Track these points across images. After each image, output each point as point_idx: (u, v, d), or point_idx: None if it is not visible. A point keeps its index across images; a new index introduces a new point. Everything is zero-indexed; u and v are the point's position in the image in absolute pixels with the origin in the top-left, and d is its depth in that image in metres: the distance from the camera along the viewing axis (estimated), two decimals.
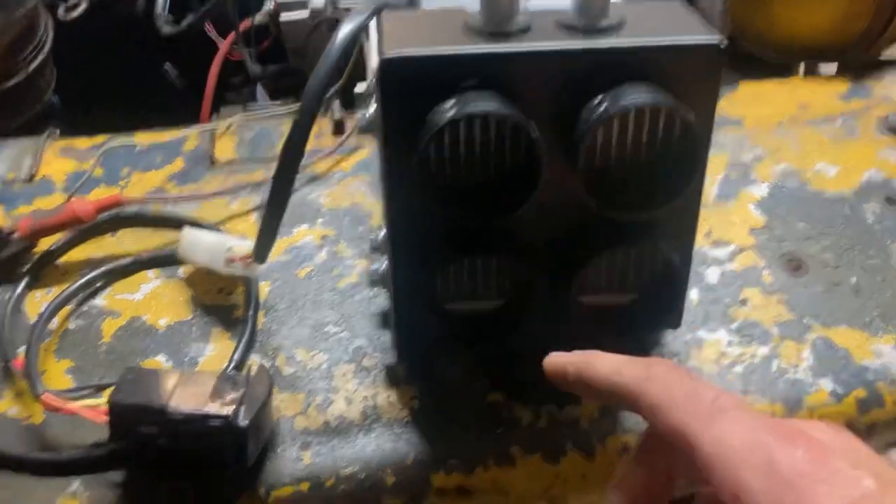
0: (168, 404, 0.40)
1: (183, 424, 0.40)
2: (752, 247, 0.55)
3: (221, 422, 0.40)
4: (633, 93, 0.38)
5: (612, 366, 0.34)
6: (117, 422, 0.41)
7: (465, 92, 0.38)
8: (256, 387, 0.42)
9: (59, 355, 0.48)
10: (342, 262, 0.54)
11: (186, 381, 0.42)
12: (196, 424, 0.40)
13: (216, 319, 0.50)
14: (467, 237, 0.41)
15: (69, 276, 0.52)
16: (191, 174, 0.59)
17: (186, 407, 0.40)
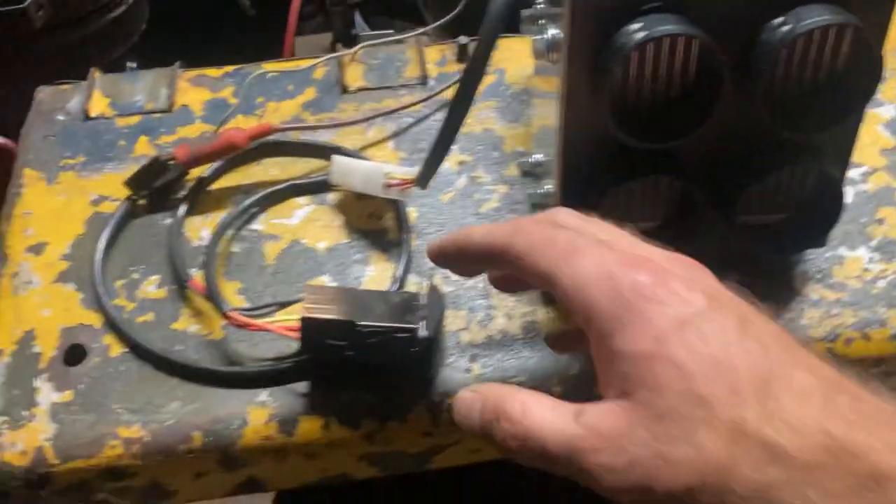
0: (356, 319, 0.43)
1: (370, 337, 0.43)
2: (884, 167, 0.56)
3: (408, 335, 0.43)
4: (815, 13, 0.38)
5: (484, 229, 0.37)
6: (308, 335, 0.43)
7: (648, 14, 0.39)
8: (433, 305, 0.44)
9: (228, 277, 0.50)
10: (481, 188, 0.55)
11: (369, 298, 0.44)
12: (383, 337, 0.43)
13: (371, 242, 0.52)
14: (640, 159, 0.43)
15: (223, 202, 0.54)
16: (324, 102, 0.60)
17: (373, 321, 0.43)
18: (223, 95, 0.61)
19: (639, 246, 0.34)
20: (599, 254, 0.32)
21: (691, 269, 0.33)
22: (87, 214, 0.54)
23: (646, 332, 0.29)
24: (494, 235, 0.36)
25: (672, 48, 0.40)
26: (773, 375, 0.28)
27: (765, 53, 0.39)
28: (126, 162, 0.56)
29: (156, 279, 0.50)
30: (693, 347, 0.29)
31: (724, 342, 0.29)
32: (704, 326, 0.29)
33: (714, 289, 0.32)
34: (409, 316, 0.43)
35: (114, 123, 0.59)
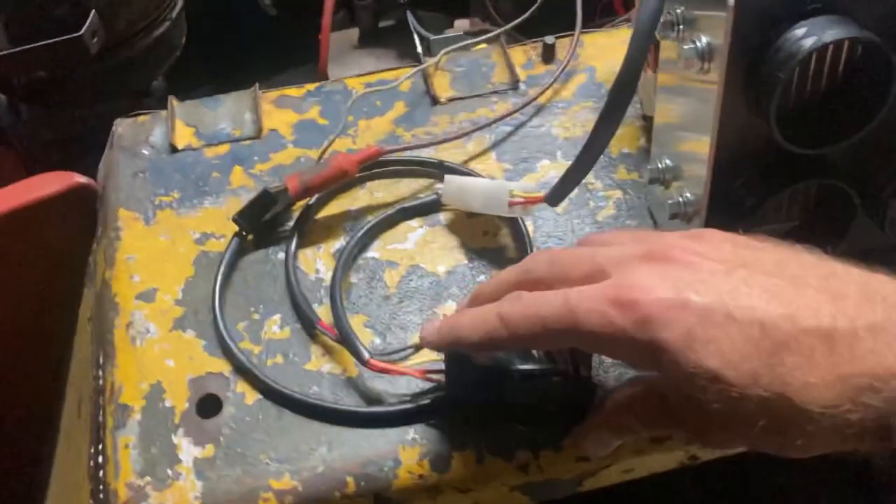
0: (509, 364, 0.40)
1: (524, 381, 0.41)
2: None
3: (563, 378, 0.41)
4: None
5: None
6: (455, 380, 0.42)
7: (810, 16, 0.37)
8: None
9: (352, 310, 0.49)
10: (594, 195, 0.54)
11: None
12: (539, 381, 0.41)
13: (491, 261, 0.51)
14: (800, 164, 0.41)
15: (333, 231, 0.52)
16: (416, 116, 0.58)
17: (525, 363, 0.41)
18: (310, 116, 0.59)
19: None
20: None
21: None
22: (194, 254, 0.52)
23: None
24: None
25: (839, 52, 0.38)
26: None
27: None
28: (224, 195, 0.54)
29: (278, 318, 0.49)
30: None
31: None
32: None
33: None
34: (561, 354, 0.41)
35: (202, 154, 0.57)
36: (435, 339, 0.41)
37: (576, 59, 0.60)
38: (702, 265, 0.34)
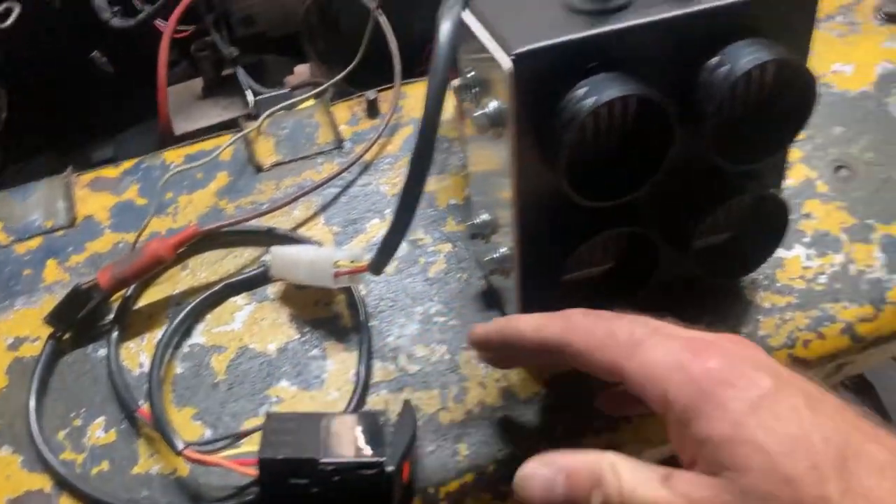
0: (318, 455, 0.40)
1: (335, 475, 0.40)
2: (801, 160, 0.57)
3: (374, 470, 0.40)
4: (749, 51, 0.39)
5: (534, 323, 0.38)
6: (268, 478, 0.40)
7: (590, 75, 0.38)
8: (404, 426, 0.42)
9: (179, 403, 0.47)
10: (425, 251, 0.53)
11: (330, 424, 0.41)
12: (348, 474, 0.40)
13: (325, 333, 0.50)
14: (597, 216, 0.42)
15: (155, 319, 0.50)
16: (239, 186, 0.57)
17: (337, 456, 0.40)
18: (128, 197, 0.56)
19: (689, 330, 0.35)
20: (664, 343, 0.34)
21: (748, 349, 0.34)
22: (7, 362, 0.49)
23: (724, 418, 0.30)
24: (547, 332, 0.37)
25: (620, 108, 0.39)
26: (849, 450, 0.29)
27: (707, 95, 0.39)
28: (38, 293, 0.51)
29: (101, 421, 0.46)
30: (770, 427, 0.30)
31: (797, 420, 0.30)
32: (776, 406, 0.30)
33: (774, 367, 0.33)
34: (376, 443, 0.41)
35: (12, 251, 0.54)
36: (484, 328, 0.41)
37: (399, 112, 0.60)
38: None
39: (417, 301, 0.51)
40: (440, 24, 0.40)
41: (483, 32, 0.40)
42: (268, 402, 0.47)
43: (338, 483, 0.40)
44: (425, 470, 0.44)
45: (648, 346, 0.34)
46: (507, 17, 0.40)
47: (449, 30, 0.40)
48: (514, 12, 0.40)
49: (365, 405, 0.47)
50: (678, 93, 0.40)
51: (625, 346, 0.34)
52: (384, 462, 0.40)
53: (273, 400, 0.47)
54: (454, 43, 0.40)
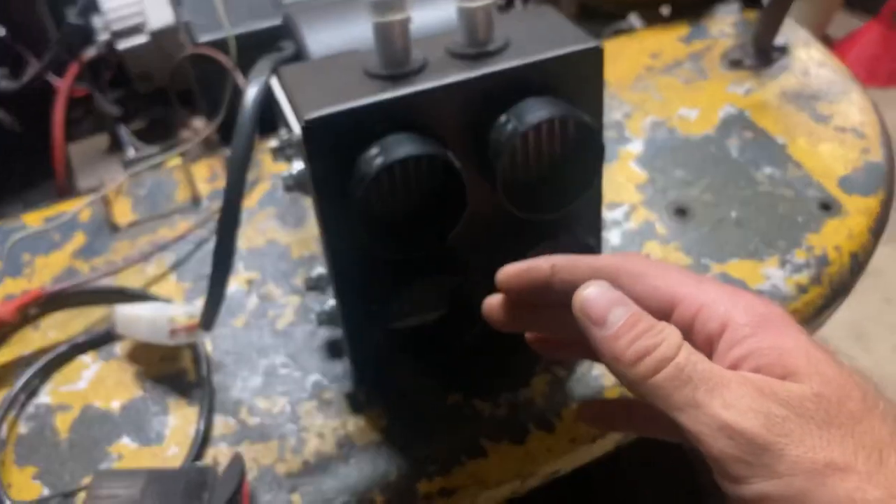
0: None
1: None
2: (642, 202, 0.60)
3: None
4: (533, 109, 0.41)
5: (590, 258, 0.39)
6: None
7: (384, 136, 0.40)
8: (228, 480, 0.43)
9: (21, 462, 0.47)
10: (274, 304, 0.55)
11: (156, 480, 0.42)
12: None
13: (168, 389, 0.51)
14: (407, 265, 0.44)
15: (3, 380, 0.51)
16: (95, 246, 0.58)
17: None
18: None
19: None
20: (723, 287, 0.36)
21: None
22: None
23: (789, 334, 0.34)
24: (603, 260, 0.39)
25: (410, 167, 0.41)
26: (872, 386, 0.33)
27: (495, 151, 0.41)
28: None
29: None
30: (826, 355, 0.33)
31: (839, 365, 0.33)
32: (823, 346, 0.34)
33: None
34: (198, 497, 0.42)
35: None
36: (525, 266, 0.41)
37: (258, 168, 0.62)
38: None
39: (262, 354, 0.52)
40: (247, 88, 0.42)
41: (284, 99, 0.42)
42: (108, 460, 0.48)
43: None
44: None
45: (709, 279, 0.37)
46: (308, 83, 0.42)
47: (253, 95, 0.42)
48: (317, 78, 0.42)
49: (202, 459, 0.48)
50: (474, 150, 0.42)
51: (687, 275, 0.37)
52: None
53: (114, 457, 0.48)
54: (258, 107, 0.42)
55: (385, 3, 0.39)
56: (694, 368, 0.32)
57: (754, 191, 0.60)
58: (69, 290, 0.53)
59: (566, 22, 0.45)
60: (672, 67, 0.71)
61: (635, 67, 0.71)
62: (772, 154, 0.63)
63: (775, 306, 0.36)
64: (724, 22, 0.75)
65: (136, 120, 1.02)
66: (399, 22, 0.40)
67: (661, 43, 0.73)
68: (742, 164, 0.62)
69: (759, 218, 0.59)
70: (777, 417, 0.31)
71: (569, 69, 0.42)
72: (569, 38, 0.43)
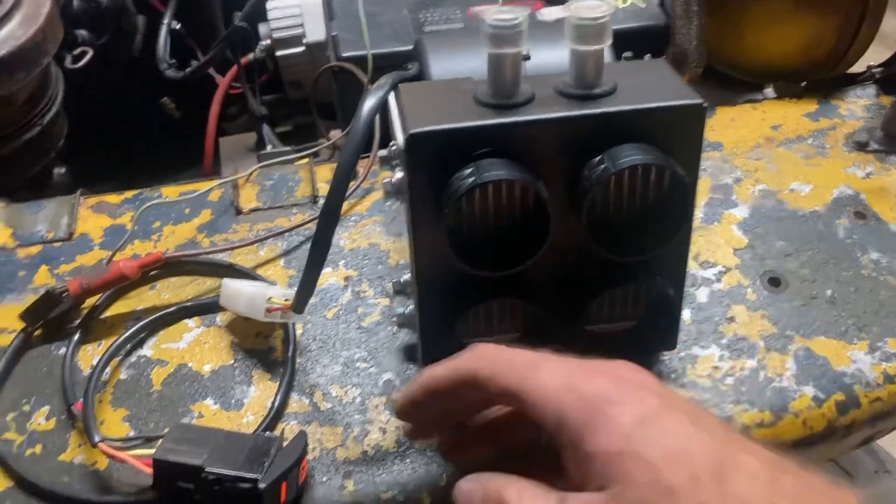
0: (205, 465, 0.44)
1: (216, 484, 0.44)
2: (737, 266, 0.60)
3: (249, 485, 0.44)
4: (628, 153, 0.43)
5: (445, 364, 0.42)
6: (159, 476, 0.45)
7: (480, 159, 0.43)
8: (290, 452, 0.46)
9: (115, 405, 0.53)
10: (365, 302, 0.59)
11: (225, 441, 0.46)
12: (227, 485, 0.44)
13: (256, 362, 0.55)
14: (487, 284, 0.46)
15: (116, 329, 0.57)
16: (218, 224, 0.63)
17: (220, 468, 0.44)
18: (122, 222, 0.64)
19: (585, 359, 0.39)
20: (559, 367, 0.38)
21: (638, 373, 0.38)
22: None
23: (612, 432, 0.34)
24: (457, 365, 0.41)
25: (501, 190, 0.44)
26: (725, 461, 0.33)
27: (585, 188, 0.43)
28: (25, 293, 0.59)
29: (46, 410, 0.53)
30: (654, 441, 0.33)
31: (679, 434, 0.34)
32: (661, 422, 0.34)
33: (660, 388, 0.37)
34: (259, 462, 0.45)
35: (14, 254, 0.61)
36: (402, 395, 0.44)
37: (374, 177, 0.66)
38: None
39: (345, 345, 0.56)
40: (364, 100, 0.47)
41: (396, 113, 0.45)
42: (190, 416, 0.52)
43: (218, 492, 0.44)
44: (312, 498, 0.49)
45: (545, 369, 0.38)
46: (420, 101, 0.45)
47: (370, 106, 0.46)
48: (429, 98, 0.46)
49: (273, 431, 0.51)
50: (566, 184, 0.45)
51: (524, 370, 0.38)
52: (259, 479, 0.44)
53: (195, 414, 0.52)
54: (372, 117, 0.46)
55: (501, 37, 0.42)
56: None
57: (856, 273, 0.59)
58: (187, 258, 0.59)
59: (675, 76, 0.46)
60: (793, 141, 0.70)
61: (755, 136, 0.71)
62: (882, 240, 0.61)
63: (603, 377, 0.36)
64: (856, 104, 0.74)
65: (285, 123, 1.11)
66: (512, 55, 0.43)
67: (785, 116, 0.73)
68: (848, 245, 0.61)
69: (857, 301, 0.58)
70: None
71: (670, 121, 0.44)
72: (674, 92, 0.45)
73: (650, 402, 0.35)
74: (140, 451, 0.48)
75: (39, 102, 0.84)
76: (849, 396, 0.53)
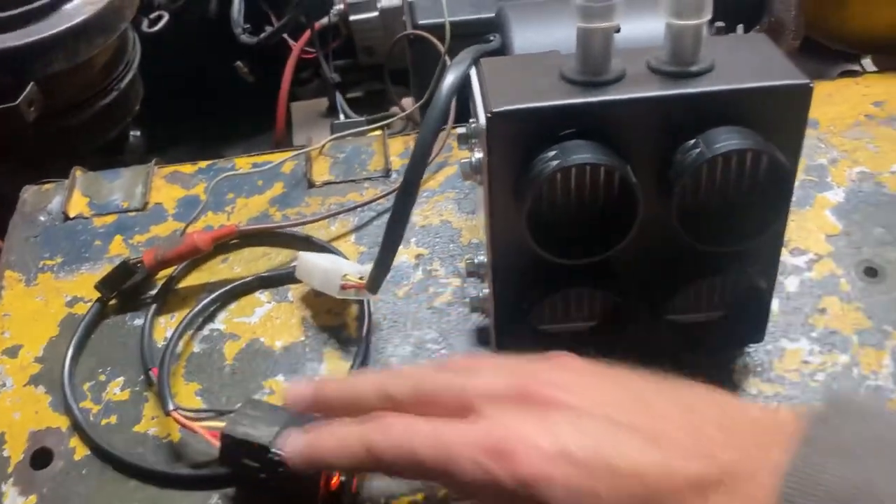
0: (272, 444, 0.43)
1: (281, 466, 0.43)
2: (830, 254, 0.57)
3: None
4: (725, 137, 0.40)
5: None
6: (226, 450, 0.45)
7: (564, 140, 0.41)
8: None
9: (188, 378, 0.53)
10: (437, 281, 0.57)
11: (295, 423, 0.45)
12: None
13: (327, 339, 0.54)
14: (565, 271, 0.44)
15: (189, 301, 0.57)
16: (291, 198, 0.63)
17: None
18: (195, 192, 0.64)
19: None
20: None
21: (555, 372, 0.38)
22: (62, 316, 0.56)
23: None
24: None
25: (585, 174, 0.42)
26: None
27: (678, 174, 0.41)
28: (101, 262, 0.59)
29: (121, 381, 0.53)
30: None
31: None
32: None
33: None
34: None
35: (91, 223, 0.62)
36: (298, 460, 0.41)
37: (448, 152, 0.64)
38: (577, 407, 0.34)
39: (416, 325, 0.55)
40: (446, 75, 0.45)
41: (478, 89, 0.43)
42: (261, 392, 0.52)
43: (282, 474, 0.44)
44: (380, 483, 0.48)
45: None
46: (503, 77, 0.43)
47: (451, 81, 0.44)
48: (512, 73, 0.44)
49: None
50: (656, 168, 0.42)
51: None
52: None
53: (266, 391, 0.52)
54: (453, 93, 0.44)
55: (592, 9, 0.40)
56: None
57: None
58: (260, 231, 0.58)
59: (778, 53, 0.43)
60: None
61: (854, 113, 0.66)
62: None
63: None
64: None
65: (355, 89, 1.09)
66: (603, 30, 0.40)
67: (889, 92, 0.68)
68: None
69: None
70: None
71: (772, 103, 0.41)
72: (777, 71, 0.41)
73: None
74: (211, 423, 0.48)
75: (117, 67, 0.85)
76: None
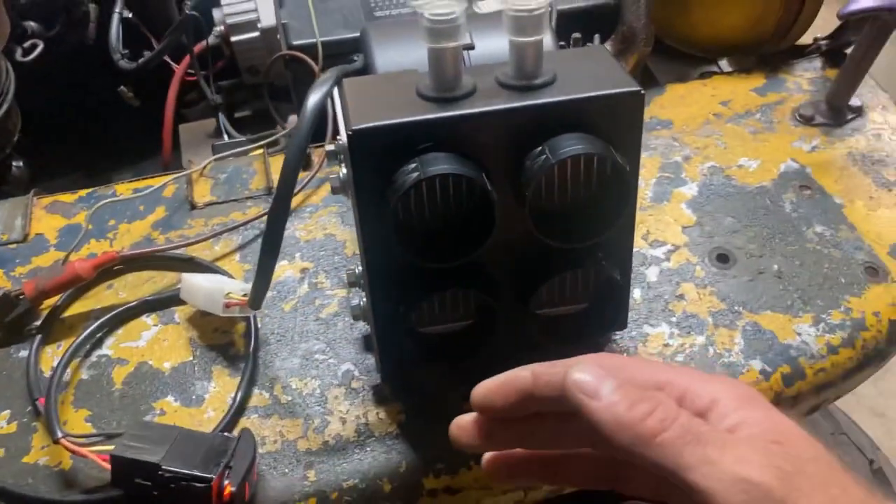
0: (162, 462, 0.45)
1: (172, 482, 0.45)
2: (686, 244, 0.61)
3: (204, 485, 0.45)
4: (568, 143, 0.44)
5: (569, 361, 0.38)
6: (117, 472, 0.46)
7: (423, 153, 0.44)
8: (243, 451, 0.47)
9: (78, 405, 0.53)
10: (322, 293, 0.59)
11: (183, 440, 0.47)
12: (183, 484, 0.45)
13: (216, 357, 0.56)
14: (436, 275, 0.47)
15: (75, 329, 0.57)
16: (173, 220, 0.64)
17: (176, 466, 0.45)
18: (77, 221, 0.64)
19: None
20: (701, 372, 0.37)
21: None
22: None
23: None
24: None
25: (445, 183, 0.45)
26: None
27: (528, 179, 0.44)
28: None
29: (6, 414, 0.53)
30: None
31: None
32: None
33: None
34: (215, 462, 0.46)
35: None
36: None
37: (329, 167, 0.67)
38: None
39: (304, 338, 0.57)
40: (309, 95, 0.47)
41: (340, 108, 0.46)
42: (152, 413, 0.53)
43: (174, 490, 0.45)
44: (274, 489, 0.50)
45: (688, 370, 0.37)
46: (363, 95, 0.46)
47: (314, 102, 0.46)
48: (372, 92, 0.46)
49: (236, 427, 0.52)
50: (510, 174, 0.45)
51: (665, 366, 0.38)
52: (212, 479, 0.45)
53: (157, 412, 0.53)
54: (317, 112, 0.46)
55: (439, 31, 0.43)
56: (699, 429, 0.33)
57: (801, 247, 0.61)
58: (143, 256, 0.59)
59: (614, 64, 0.47)
60: (741, 117, 0.72)
61: (704, 113, 0.72)
62: (826, 213, 0.63)
63: (753, 389, 0.37)
64: (803, 77, 0.75)
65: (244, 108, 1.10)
66: (451, 49, 0.43)
67: (734, 91, 0.74)
68: (794, 219, 0.63)
69: (802, 274, 0.59)
70: (788, 473, 0.32)
71: (608, 110, 0.45)
72: (612, 80, 0.45)
73: None
74: (101, 447, 0.49)
75: None
76: (794, 368, 0.55)
